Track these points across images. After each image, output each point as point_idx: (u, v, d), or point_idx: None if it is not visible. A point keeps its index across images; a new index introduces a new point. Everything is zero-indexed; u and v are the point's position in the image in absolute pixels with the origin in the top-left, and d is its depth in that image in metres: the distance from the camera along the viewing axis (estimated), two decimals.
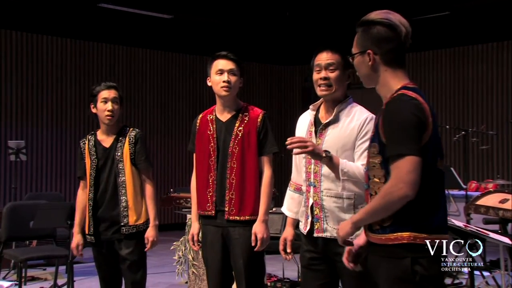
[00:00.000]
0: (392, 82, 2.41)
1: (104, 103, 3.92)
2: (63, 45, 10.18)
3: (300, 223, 3.23)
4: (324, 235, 3.06)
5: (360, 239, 2.60)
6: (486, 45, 10.41)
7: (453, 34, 10.29)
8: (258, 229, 3.51)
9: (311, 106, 3.25)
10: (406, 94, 2.33)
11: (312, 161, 3.09)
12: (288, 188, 3.42)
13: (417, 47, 10.85)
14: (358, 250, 2.58)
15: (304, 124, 3.28)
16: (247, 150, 3.56)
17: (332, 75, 3.10)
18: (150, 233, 3.91)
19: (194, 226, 3.73)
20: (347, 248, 2.62)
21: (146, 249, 3.90)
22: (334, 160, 2.95)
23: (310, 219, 3.11)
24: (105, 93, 3.93)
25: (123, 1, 8.94)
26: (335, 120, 3.11)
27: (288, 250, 3.33)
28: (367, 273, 2.51)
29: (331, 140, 3.07)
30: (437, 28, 10.01)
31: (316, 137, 3.13)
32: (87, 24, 9.96)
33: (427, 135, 2.30)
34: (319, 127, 3.14)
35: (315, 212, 3.09)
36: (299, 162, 3.29)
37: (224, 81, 3.58)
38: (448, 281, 6.14)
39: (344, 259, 2.63)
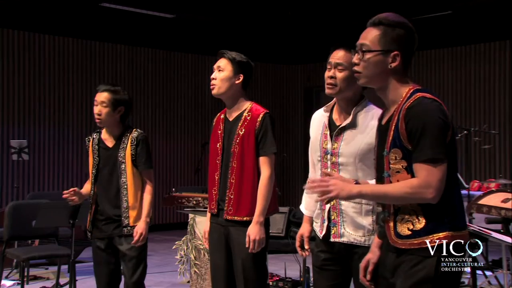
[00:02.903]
0: (402, 87, 2.40)
1: (95, 106, 3.98)
2: (65, 44, 10.19)
3: (315, 224, 3.19)
4: (341, 240, 3.02)
5: (374, 256, 2.59)
6: (488, 44, 10.39)
7: (455, 33, 10.28)
8: (251, 230, 3.47)
9: (324, 107, 3.18)
10: (426, 97, 2.32)
11: (328, 164, 3.05)
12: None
13: (419, 46, 10.65)
14: (374, 267, 2.57)
15: (318, 125, 3.20)
16: (246, 151, 3.55)
17: (340, 75, 3.02)
18: (140, 226, 3.90)
19: (206, 224, 3.74)
20: (362, 266, 2.62)
21: (133, 241, 3.87)
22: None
23: (326, 223, 3.06)
24: (96, 96, 4.00)
25: (125, 1, 8.95)
26: (352, 123, 3.02)
27: (306, 247, 3.28)
28: (382, 278, 2.51)
29: (347, 144, 3.00)
30: (439, 27, 10.00)
31: (331, 140, 3.07)
32: (89, 23, 9.97)
33: (450, 134, 2.31)
34: (333, 129, 3.07)
35: (332, 217, 3.04)
36: (316, 163, 3.20)
37: (211, 78, 3.59)
38: None
39: (361, 277, 2.63)
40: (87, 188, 4.12)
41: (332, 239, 3.05)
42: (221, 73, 3.57)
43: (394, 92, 2.41)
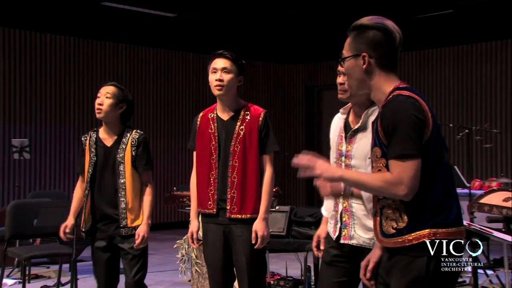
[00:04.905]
0: (386, 86, 2.42)
1: (98, 98, 3.96)
2: (66, 43, 10.19)
3: (329, 225, 3.22)
4: (350, 242, 3.04)
5: (375, 255, 2.62)
6: (490, 43, 10.39)
7: (457, 32, 10.27)
8: (258, 226, 3.53)
9: (341, 110, 3.22)
10: (401, 94, 2.34)
11: (343, 166, 3.07)
12: None
13: (421, 45, 10.83)
14: (375, 266, 2.61)
15: (336, 127, 3.25)
16: (249, 149, 3.58)
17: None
18: (141, 229, 3.89)
19: (193, 224, 3.73)
20: (362, 265, 2.66)
21: (135, 245, 3.87)
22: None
23: (339, 224, 3.09)
24: (101, 89, 3.98)
25: (127, 0, 8.95)
26: (364, 126, 3.05)
27: (322, 247, 3.28)
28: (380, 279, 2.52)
29: (360, 147, 3.03)
30: (441, 26, 9.99)
31: (346, 142, 3.10)
32: (90, 22, 9.97)
33: (428, 130, 2.31)
34: (348, 132, 3.11)
35: (344, 219, 3.07)
36: (333, 164, 3.21)
37: (216, 80, 3.60)
38: None
39: (362, 276, 2.66)
40: (80, 191, 4.06)
41: (342, 241, 3.07)
42: (228, 75, 3.62)
43: (378, 92, 2.44)
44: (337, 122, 3.27)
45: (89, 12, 9.48)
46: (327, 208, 3.35)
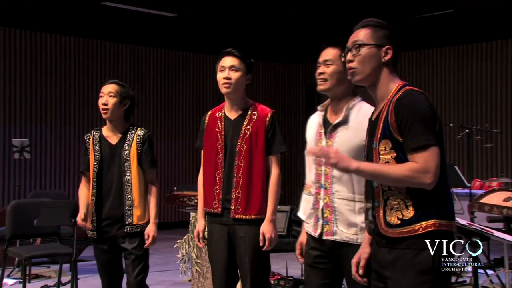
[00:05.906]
0: (392, 82, 2.49)
1: (101, 97, 3.95)
2: (66, 43, 10.19)
3: (307, 225, 3.17)
4: (333, 238, 3.01)
5: (365, 252, 2.63)
6: (490, 43, 10.39)
7: (457, 32, 10.28)
8: (266, 228, 3.50)
9: (319, 107, 3.20)
10: (414, 90, 2.42)
11: (322, 162, 3.04)
12: (303, 192, 3.32)
13: (421, 45, 10.83)
14: (366, 262, 2.61)
15: (313, 125, 3.23)
16: (255, 149, 3.56)
17: (328, 69, 3.05)
18: (150, 229, 3.92)
19: (200, 223, 3.73)
20: (354, 262, 2.66)
21: (146, 245, 3.89)
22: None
23: (321, 221, 3.05)
24: (103, 88, 3.97)
25: None
26: (345, 120, 3.03)
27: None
28: (375, 274, 2.52)
29: (341, 141, 3.01)
30: (441, 26, 10.00)
31: (325, 138, 3.07)
32: (90, 22, 9.97)
33: (437, 126, 2.39)
34: (328, 127, 3.09)
35: (325, 215, 3.03)
36: (312, 163, 3.19)
37: (224, 78, 3.58)
38: (452, 279, 6.13)
39: (354, 273, 2.66)
40: (85, 191, 4.02)
41: (324, 237, 3.03)
42: (236, 73, 3.59)
43: (384, 87, 2.50)
44: (314, 120, 3.25)
45: (89, 12, 9.49)
46: (305, 211, 3.25)
